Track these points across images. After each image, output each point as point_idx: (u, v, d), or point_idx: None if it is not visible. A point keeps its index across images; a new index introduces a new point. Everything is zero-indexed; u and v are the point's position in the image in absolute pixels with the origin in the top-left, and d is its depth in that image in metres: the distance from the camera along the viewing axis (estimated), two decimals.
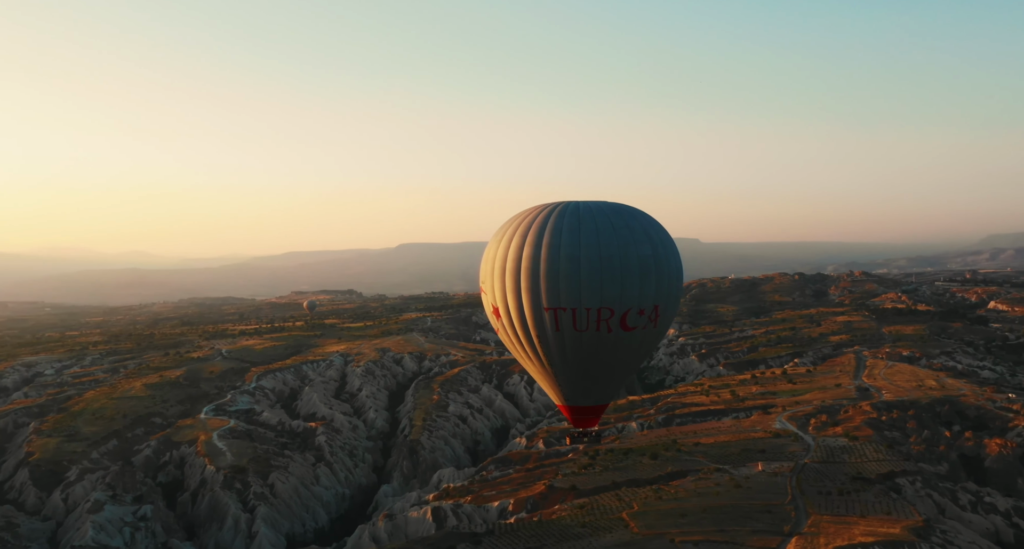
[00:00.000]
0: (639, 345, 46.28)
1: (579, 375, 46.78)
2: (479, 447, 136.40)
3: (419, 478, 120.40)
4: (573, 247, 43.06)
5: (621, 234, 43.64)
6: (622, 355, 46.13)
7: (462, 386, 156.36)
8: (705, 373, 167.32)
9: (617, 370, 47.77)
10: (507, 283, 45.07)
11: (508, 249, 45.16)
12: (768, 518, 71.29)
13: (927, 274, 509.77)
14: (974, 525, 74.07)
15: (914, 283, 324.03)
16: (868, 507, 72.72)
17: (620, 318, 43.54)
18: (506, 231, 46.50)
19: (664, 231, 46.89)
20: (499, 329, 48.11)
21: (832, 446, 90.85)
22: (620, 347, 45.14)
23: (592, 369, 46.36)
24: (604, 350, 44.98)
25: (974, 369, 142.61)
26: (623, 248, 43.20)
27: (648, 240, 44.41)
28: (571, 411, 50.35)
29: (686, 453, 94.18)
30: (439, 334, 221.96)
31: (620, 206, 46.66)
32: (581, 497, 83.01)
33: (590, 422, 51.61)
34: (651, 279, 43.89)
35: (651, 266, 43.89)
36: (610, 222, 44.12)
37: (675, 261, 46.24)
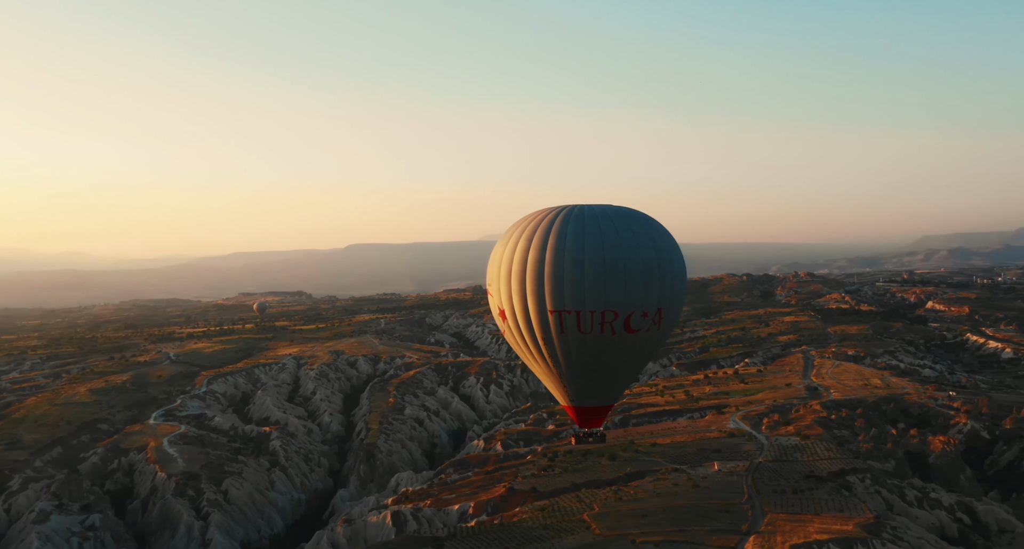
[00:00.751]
0: (643, 347, 46.99)
1: (584, 376, 47.32)
2: (436, 450, 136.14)
3: (376, 482, 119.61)
4: (578, 251, 43.57)
5: (625, 238, 44.26)
6: (626, 357, 46.76)
7: (418, 388, 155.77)
8: (658, 373, 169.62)
9: (621, 371, 48.39)
10: (513, 286, 45.72)
11: (514, 252, 45.76)
12: (726, 517, 72.62)
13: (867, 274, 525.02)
14: (921, 520, 76.58)
15: (856, 284, 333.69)
16: (822, 505, 74.64)
17: (624, 321, 44.08)
18: (512, 234, 47.11)
19: (668, 235, 47.60)
20: (505, 331, 48.65)
21: (785, 445, 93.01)
22: (624, 349, 45.76)
23: (596, 370, 46.92)
24: (608, 352, 45.53)
25: (915, 368, 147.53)
26: (627, 252, 43.79)
27: (651, 244, 45.07)
28: (576, 411, 51.07)
29: (644, 454, 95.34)
30: (393, 336, 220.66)
31: (625, 210, 47.25)
32: (542, 499, 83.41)
33: (595, 422, 52.23)
34: (654, 282, 44.57)
35: (654, 269, 44.56)
36: (614, 226, 44.70)
37: (679, 264, 46.93)
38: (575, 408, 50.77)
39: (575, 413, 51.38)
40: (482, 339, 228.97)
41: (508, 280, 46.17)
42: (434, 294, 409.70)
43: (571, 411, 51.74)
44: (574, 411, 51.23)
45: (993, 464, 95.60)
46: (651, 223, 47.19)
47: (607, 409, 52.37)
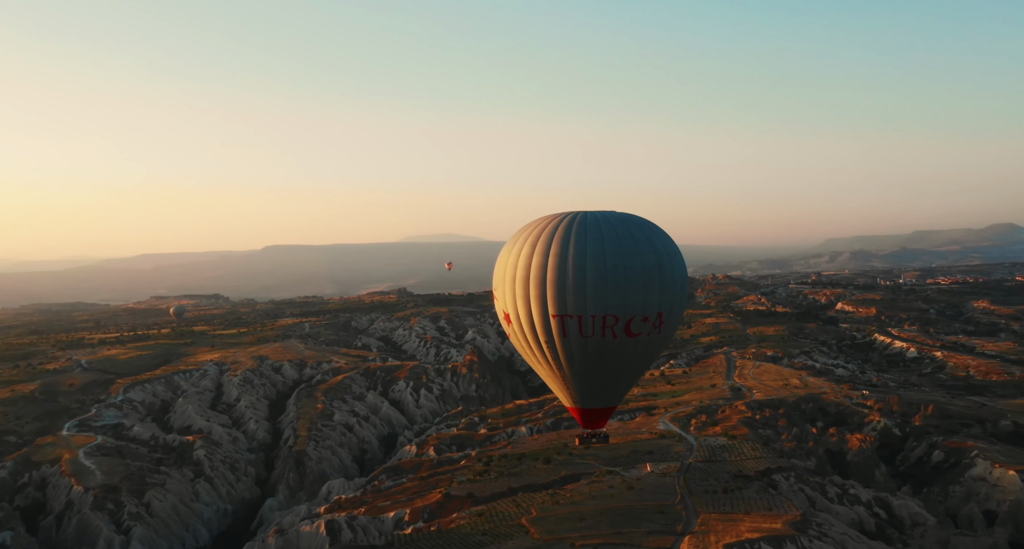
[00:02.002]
0: (644, 350, 47.92)
1: (586, 379, 48.39)
2: (366, 456, 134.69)
3: (306, 490, 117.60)
4: (579, 257, 44.61)
5: (626, 244, 45.22)
6: (628, 360, 47.84)
7: (346, 394, 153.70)
8: None
9: (624, 374, 49.43)
10: (517, 290, 46.73)
11: (518, 258, 46.74)
12: (661, 518, 74.50)
13: (778, 276, 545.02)
14: (841, 516, 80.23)
15: (771, 286, 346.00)
16: (751, 504, 77.34)
17: (625, 325, 45.14)
18: (517, 240, 48.00)
19: (670, 240, 48.49)
20: (511, 334, 49.52)
21: (713, 445, 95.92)
22: (625, 352, 46.83)
23: (599, 373, 47.97)
24: (609, 355, 46.62)
25: (830, 367, 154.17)
26: (627, 258, 44.79)
27: (652, 250, 46.00)
28: (580, 413, 52.37)
29: (577, 456, 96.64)
30: (319, 340, 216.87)
31: (627, 216, 48.21)
32: (479, 504, 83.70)
33: (598, 423, 53.66)
34: (655, 288, 45.54)
35: (655, 275, 45.53)
36: (615, 233, 45.65)
37: (679, 270, 47.88)
38: (579, 410, 52.02)
39: (579, 415, 52.61)
40: (410, 343, 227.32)
41: (512, 285, 47.18)
42: (357, 297, 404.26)
43: (575, 412, 52.83)
44: (578, 412, 52.43)
45: (904, 460, 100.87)
46: (653, 229, 48.17)
47: (610, 411, 53.49)
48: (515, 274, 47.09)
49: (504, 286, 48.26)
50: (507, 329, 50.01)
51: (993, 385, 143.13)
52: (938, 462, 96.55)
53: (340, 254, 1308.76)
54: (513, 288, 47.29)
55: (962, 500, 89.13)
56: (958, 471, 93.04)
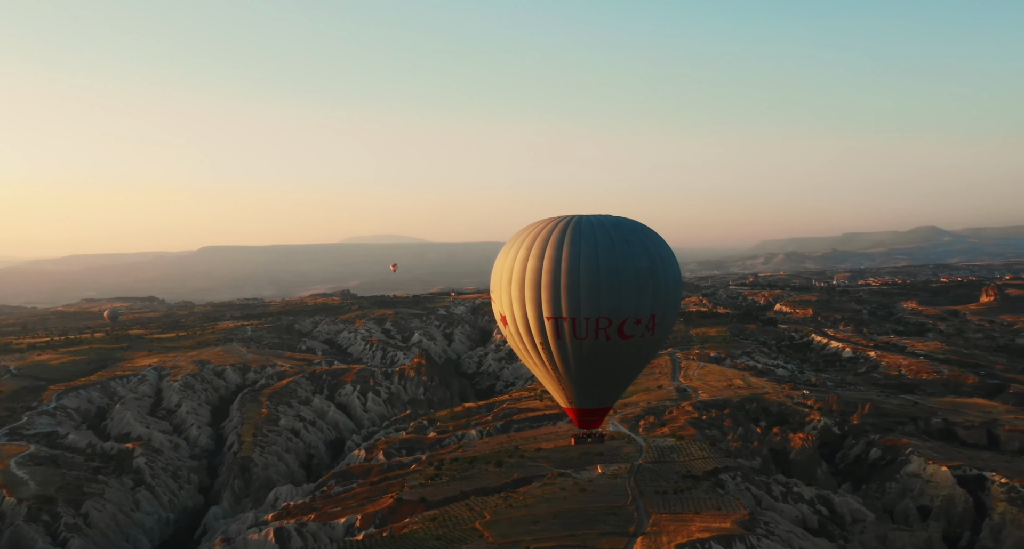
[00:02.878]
0: (638, 352, 48.79)
1: (581, 380, 49.07)
2: (313, 461, 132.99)
3: (252, 497, 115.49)
4: (573, 260, 45.45)
5: (619, 248, 46.12)
6: (621, 361, 48.64)
7: (292, 398, 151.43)
8: (534, 378, 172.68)
9: (619, 375, 50.16)
10: (512, 293, 47.62)
11: (514, 261, 47.67)
12: (614, 520, 75.46)
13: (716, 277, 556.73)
14: (786, 514, 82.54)
15: (711, 287, 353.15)
16: (700, 504, 78.94)
17: (618, 327, 45.96)
18: (513, 244, 48.93)
19: (664, 245, 49.33)
20: (508, 336, 50.31)
21: (662, 446, 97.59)
22: (619, 354, 47.63)
23: (593, 374, 48.69)
24: (603, 357, 47.41)
25: (771, 368, 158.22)
26: (621, 261, 45.66)
27: (646, 253, 46.93)
28: (576, 413, 52.80)
29: (529, 459, 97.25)
30: (262, 344, 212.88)
31: (622, 220, 49.09)
32: (431, 509, 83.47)
33: (594, 424, 53.93)
34: (647, 291, 46.31)
35: (647, 279, 46.34)
36: (609, 237, 46.50)
37: (673, 273, 48.81)
38: (574, 410, 52.55)
39: (574, 415, 53.15)
40: (355, 345, 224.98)
41: (508, 288, 48.04)
42: (299, 299, 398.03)
43: (571, 413, 53.41)
44: (573, 413, 52.98)
45: (844, 458, 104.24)
46: (647, 233, 49.09)
47: (605, 411, 54.09)
48: (511, 277, 47.95)
49: (500, 289, 49.11)
50: (504, 331, 50.92)
51: (923, 384, 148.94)
52: (875, 459, 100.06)
53: (279, 255, 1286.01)
54: (509, 291, 48.12)
55: (898, 496, 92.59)
56: (894, 468, 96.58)
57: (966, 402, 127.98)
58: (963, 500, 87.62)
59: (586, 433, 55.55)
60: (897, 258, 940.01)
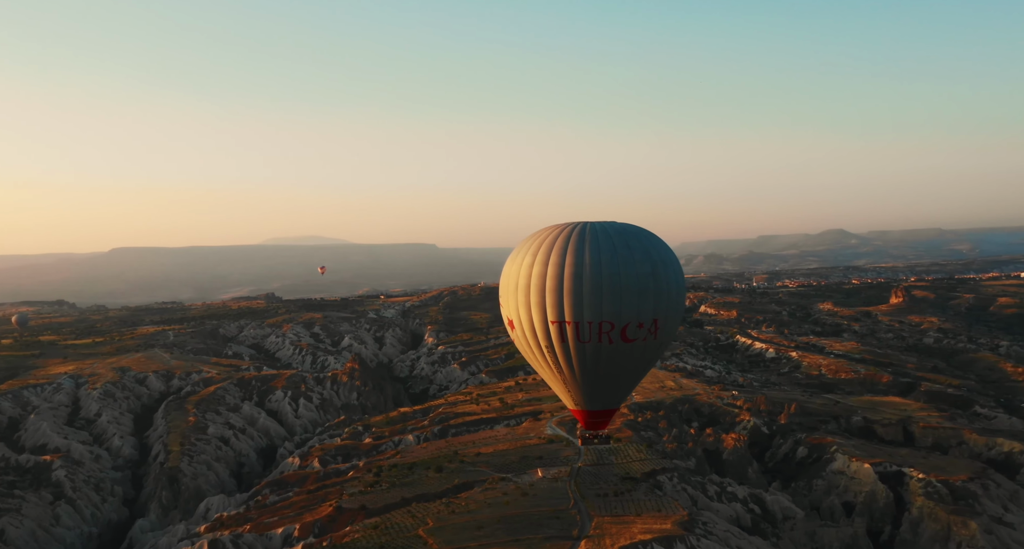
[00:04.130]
0: (640, 355, 49.92)
1: (586, 382, 50.41)
2: (244, 470, 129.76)
3: (181, 509, 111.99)
4: (577, 266, 46.92)
5: (621, 254, 47.52)
6: (625, 364, 49.85)
7: (220, 405, 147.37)
8: (468, 381, 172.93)
9: (622, 378, 51.37)
10: (519, 298, 49.25)
11: (520, 267, 49.30)
12: (557, 524, 76.35)
13: None
14: (721, 513, 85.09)
15: None
16: (640, 505, 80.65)
17: (620, 331, 47.32)
18: (520, 251, 50.40)
19: (667, 251, 50.89)
20: (515, 339, 51.83)
21: (599, 449, 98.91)
22: (622, 357, 48.83)
23: (598, 377, 49.98)
24: (606, 359, 48.61)
25: (700, 369, 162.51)
26: (623, 267, 47.02)
27: (648, 259, 48.27)
28: (582, 415, 54.09)
29: (469, 464, 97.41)
30: (185, 349, 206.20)
31: (626, 227, 50.48)
32: (372, 516, 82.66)
33: (600, 425, 55.17)
34: (649, 295, 47.66)
35: (649, 284, 47.66)
36: (612, 243, 47.82)
37: (675, 278, 50.12)
38: (580, 412, 53.91)
39: (581, 416, 54.43)
40: (283, 350, 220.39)
41: (515, 292, 49.63)
42: (221, 302, 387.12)
43: (577, 414, 54.74)
44: (580, 414, 54.28)
45: (773, 457, 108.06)
46: (650, 239, 50.44)
47: (611, 413, 55.37)
48: (516, 282, 49.58)
49: (507, 294, 50.69)
50: (511, 335, 52.55)
51: (842, 383, 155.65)
52: (802, 458, 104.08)
53: (195, 257, 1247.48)
54: (515, 296, 49.70)
55: (824, 493, 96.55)
56: (820, 465, 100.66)
57: (882, 400, 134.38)
58: (884, 496, 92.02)
59: (592, 434, 56.88)
60: (809, 260, 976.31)
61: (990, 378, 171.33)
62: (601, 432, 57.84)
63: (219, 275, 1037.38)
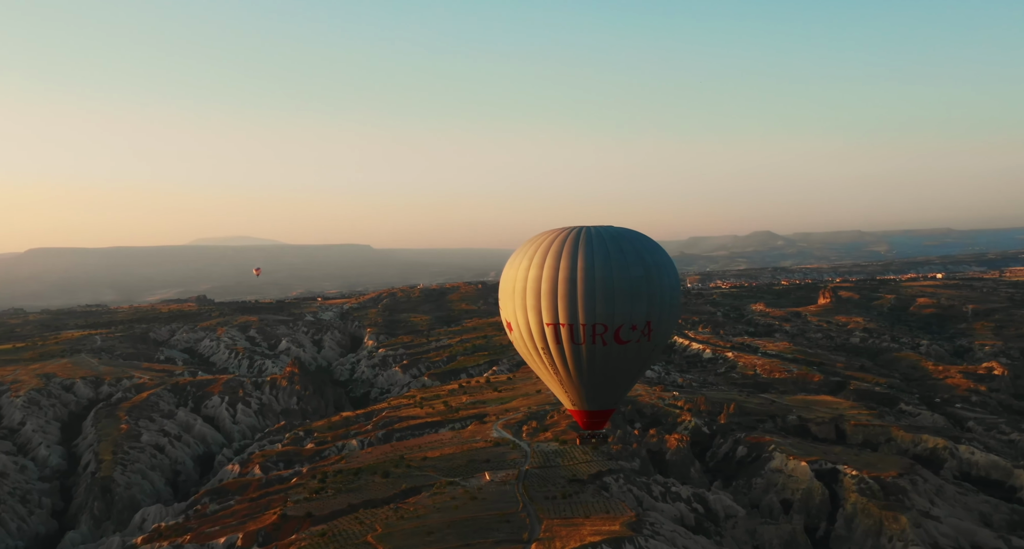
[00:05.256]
0: (635, 356, 51.14)
1: (582, 383, 51.78)
2: (181, 478, 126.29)
3: (114, 520, 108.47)
4: (571, 270, 48.46)
5: (614, 258, 48.91)
6: (620, 365, 51.13)
7: (154, 412, 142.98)
8: (411, 384, 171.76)
9: (618, 378, 52.55)
10: (515, 301, 50.77)
11: (517, 271, 50.98)
12: (507, 527, 76.63)
13: None
14: (666, 513, 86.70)
15: None
16: (589, 507, 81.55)
17: (614, 333, 48.71)
18: (518, 255, 52.01)
19: (661, 254, 52.17)
20: (514, 341, 53.52)
21: (546, 451, 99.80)
22: (616, 358, 50.14)
23: (594, 377, 51.29)
24: (601, 361, 49.94)
25: None
26: (616, 270, 48.41)
27: (640, 263, 49.62)
28: (580, 415, 55.67)
29: (416, 468, 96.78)
30: (114, 354, 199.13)
31: (622, 231, 51.99)
32: (319, 524, 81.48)
33: (598, 425, 56.62)
34: (642, 298, 48.89)
35: (642, 286, 48.93)
36: (606, 248, 49.23)
37: (668, 281, 51.23)
38: (578, 411, 55.42)
39: (579, 416, 55.94)
40: (218, 354, 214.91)
41: (512, 296, 51.17)
42: (149, 305, 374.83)
43: (575, 414, 56.20)
44: (577, 414, 55.80)
45: (713, 456, 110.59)
46: (643, 243, 51.61)
47: (608, 413, 56.60)
48: (513, 286, 51.20)
49: (505, 297, 52.38)
50: (510, 336, 54.06)
51: (776, 382, 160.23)
52: (742, 457, 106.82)
53: (118, 258, 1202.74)
54: (512, 299, 51.23)
55: (763, 491, 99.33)
56: (759, 464, 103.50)
57: (815, 399, 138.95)
58: (820, 493, 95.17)
59: (590, 434, 58.27)
60: (738, 261, 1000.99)
61: (913, 376, 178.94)
62: (599, 432, 59.45)
63: (144, 277, 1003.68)
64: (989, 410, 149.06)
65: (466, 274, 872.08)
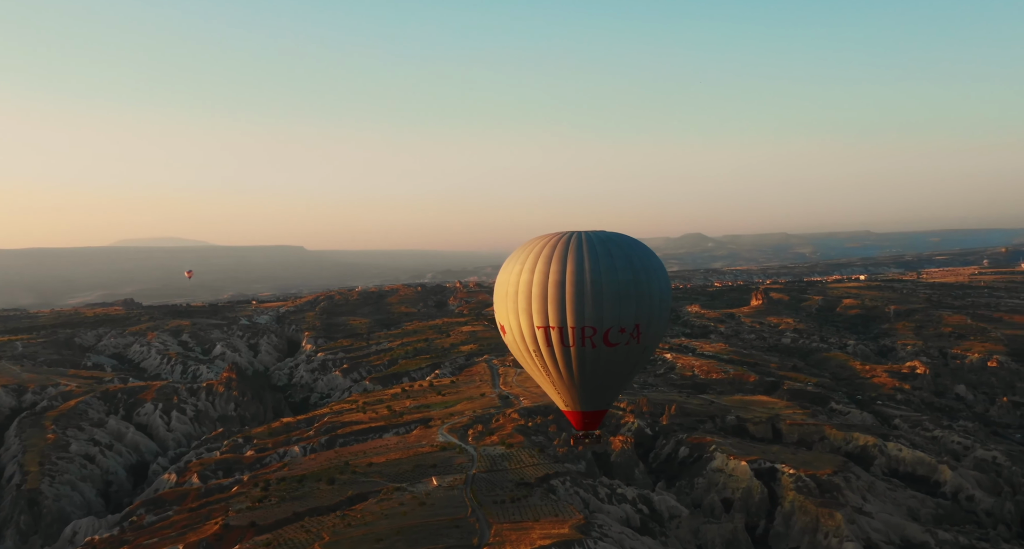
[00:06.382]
0: (624, 359, 52.17)
1: (574, 384, 52.80)
2: (113, 489, 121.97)
3: (42, 533, 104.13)
4: (560, 274, 50.03)
5: (603, 262, 50.26)
6: (609, 367, 52.13)
7: (83, 420, 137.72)
8: (352, 389, 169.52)
9: (609, 380, 53.38)
10: (507, 304, 52.15)
11: (509, 275, 52.48)
12: (457, 533, 76.49)
13: None
14: (612, 515, 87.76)
15: None
16: (537, 511, 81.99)
17: (603, 335, 49.90)
18: (512, 259, 53.51)
19: (650, 258, 53.35)
20: (508, 344, 55.03)
21: (493, 455, 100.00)
22: (605, 360, 51.28)
23: (584, 379, 52.35)
24: (590, 363, 51.08)
25: None
26: (603, 274, 49.79)
27: (629, 267, 50.86)
28: (574, 416, 56.40)
29: (362, 474, 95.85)
30: (38, 361, 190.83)
31: (613, 236, 53.25)
32: (263, 533, 79.92)
33: (591, 425, 57.35)
34: (630, 301, 50.05)
35: (630, 290, 50.12)
36: (595, 252, 50.61)
37: (657, 285, 52.46)
38: (571, 412, 56.34)
39: (573, 417, 56.78)
40: (150, 360, 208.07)
41: (504, 300, 52.51)
42: (73, 308, 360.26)
43: (568, 415, 57.17)
44: (571, 415, 56.71)
45: (656, 457, 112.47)
46: (633, 248, 52.95)
47: (602, 414, 57.79)
48: (506, 290, 52.65)
49: (499, 300, 53.85)
50: (505, 339, 55.52)
51: (714, 383, 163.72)
52: (684, 457, 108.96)
53: (36, 259, 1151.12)
54: (505, 302, 52.68)
55: (704, 491, 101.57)
56: (700, 464, 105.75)
57: (752, 400, 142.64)
58: (759, 491, 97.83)
59: (583, 434, 58.70)
60: (671, 262, 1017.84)
61: (842, 375, 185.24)
62: (592, 432, 60.49)
63: (64, 279, 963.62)
64: (913, 408, 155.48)
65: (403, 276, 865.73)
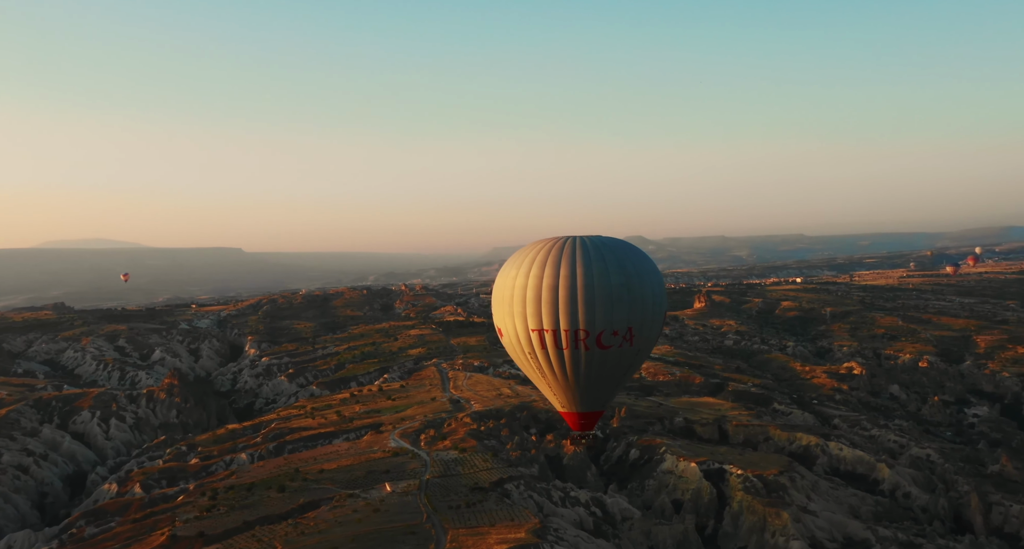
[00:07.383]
0: (617, 361, 53.55)
1: (569, 386, 54.16)
2: (48, 500, 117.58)
3: None
4: (554, 278, 51.36)
5: (596, 266, 51.73)
6: (603, 369, 53.55)
7: (14, 429, 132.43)
8: (298, 394, 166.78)
9: (603, 382, 54.68)
10: (503, 308, 53.42)
11: (506, 279, 53.57)
12: (413, 539, 75.94)
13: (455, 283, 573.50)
14: (566, 518, 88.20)
15: (463, 296, 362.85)
16: (493, 515, 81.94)
17: (595, 338, 51.42)
18: (509, 263, 54.57)
19: (644, 262, 54.87)
20: (506, 346, 56.35)
21: (446, 460, 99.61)
22: (599, 362, 52.70)
23: (579, 381, 53.71)
24: (585, 365, 52.56)
25: None
26: (596, 278, 51.22)
27: (621, 271, 52.20)
28: (570, 416, 57.77)
29: (313, 481, 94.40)
30: None
31: (607, 241, 54.54)
32: (213, 543, 78.18)
33: (587, 426, 58.45)
34: (623, 305, 51.41)
35: (623, 293, 51.47)
36: (588, 257, 51.94)
37: (650, 289, 53.72)
38: (568, 413, 57.60)
39: (569, 418, 58.05)
40: (85, 366, 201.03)
41: (501, 303, 53.81)
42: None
43: (565, 415, 58.41)
44: (567, 416, 57.95)
45: (608, 459, 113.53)
46: (627, 252, 54.32)
47: (598, 415, 58.63)
48: (502, 294, 53.95)
49: (497, 304, 55.14)
50: (502, 342, 56.77)
51: (661, 385, 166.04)
52: (635, 459, 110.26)
53: None
54: (502, 306, 54.01)
55: (655, 492, 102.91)
56: (651, 466, 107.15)
57: (698, 401, 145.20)
58: (708, 492, 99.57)
59: (580, 434, 59.48)
60: None
61: (783, 376, 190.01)
62: (588, 433, 61.16)
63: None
64: (851, 408, 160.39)
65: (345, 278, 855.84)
